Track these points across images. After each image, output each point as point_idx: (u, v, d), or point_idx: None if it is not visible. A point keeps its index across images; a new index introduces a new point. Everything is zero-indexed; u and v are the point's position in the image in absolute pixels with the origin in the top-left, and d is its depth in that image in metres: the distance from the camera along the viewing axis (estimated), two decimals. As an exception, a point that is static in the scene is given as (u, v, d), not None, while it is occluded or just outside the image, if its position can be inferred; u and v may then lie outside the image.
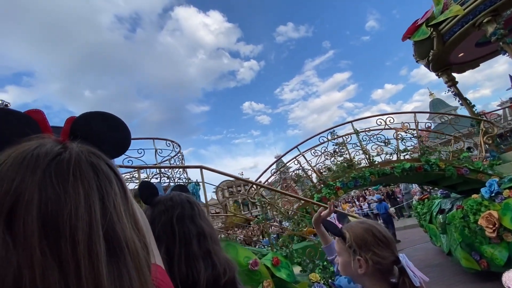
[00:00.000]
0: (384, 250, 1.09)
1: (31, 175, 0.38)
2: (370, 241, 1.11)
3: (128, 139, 0.59)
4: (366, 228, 1.16)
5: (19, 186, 0.37)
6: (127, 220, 0.44)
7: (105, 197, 0.42)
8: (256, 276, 2.73)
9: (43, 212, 0.36)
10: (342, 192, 4.95)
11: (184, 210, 1.09)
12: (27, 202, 0.36)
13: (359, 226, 1.19)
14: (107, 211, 0.41)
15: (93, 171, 0.42)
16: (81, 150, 0.44)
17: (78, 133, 0.50)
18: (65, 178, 0.39)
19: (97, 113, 0.56)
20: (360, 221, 1.26)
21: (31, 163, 0.39)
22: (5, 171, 0.38)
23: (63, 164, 0.40)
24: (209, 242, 1.01)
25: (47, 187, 0.37)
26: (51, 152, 0.41)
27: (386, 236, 1.14)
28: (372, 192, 14.93)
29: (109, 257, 0.39)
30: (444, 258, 5.51)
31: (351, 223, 1.26)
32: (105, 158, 0.48)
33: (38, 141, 0.43)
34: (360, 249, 1.11)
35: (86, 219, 0.38)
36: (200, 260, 0.95)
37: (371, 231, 1.14)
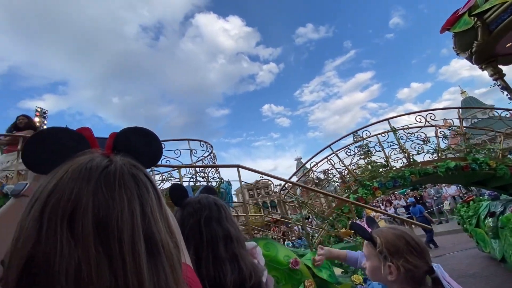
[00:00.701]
0: (417, 258, 1.06)
1: (86, 185, 0.44)
2: (403, 248, 1.08)
3: (160, 151, 0.67)
4: (398, 235, 1.12)
5: (78, 194, 0.43)
6: (162, 223, 0.50)
7: (144, 203, 0.48)
8: (297, 275, 2.69)
9: (96, 216, 0.42)
10: (380, 193, 4.74)
11: (212, 212, 1.11)
12: (84, 208, 0.42)
13: (390, 231, 1.16)
14: (146, 215, 0.47)
15: (134, 181, 0.49)
16: (124, 162, 0.51)
17: (119, 147, 0.58)
18: (112, 187, 0.46)
19: (134, 129, 0.64)
20: (392, 227, 1.22)
21: (86, 175, 0.46)
22: (67, 181, 0.45)
23: (110, 175, 0.47)
24: (235, 246, 1.02)
25: (98, 195, 0.44)
26: (100, 165, 0.48)
27: (419, 244, 1.10)
28: (398, 196, 13.86)
29: (148, 255, 0.45)
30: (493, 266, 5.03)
31: (382, 228, 1.24)
32: (143, 169, 0.54)
33: (90, 156, 0.50)
34: (392, 256, 1.09)
35: (130, 222, 0.44)
36: (227, 263, 0.96)
37: (403, 238, 1.11)
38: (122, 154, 0.55)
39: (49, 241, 0.40)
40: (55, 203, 0.43)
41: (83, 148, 0.55)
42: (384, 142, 5.57)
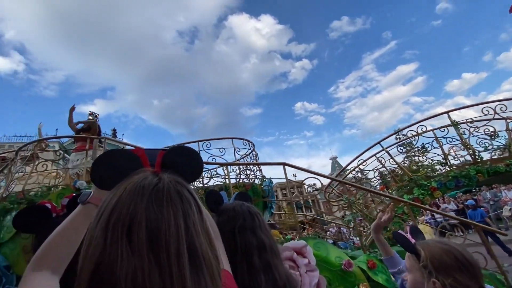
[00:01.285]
0: (467, 277, 0.98)
1: (140, 202, 0.51)
2: (451, 265, 1.00)
3: (201, 167, 0.76)
4: (446, 250, 1.04)
5: (134, 209, 0.49)
6: (203, 236, 0.54)
7: (187, 218, 0.53)
8: (351, 277, 2.55)
9: (148, 229, 0.48)
10: (439, 194, 4.28)
11: (246, 221, 1.09)
12: (139, 222, 0.48)
13: (437, 245, 1.08)
14: (189, 229, 0.52)
15: (179, 198, 0.54)
16: (170, 180, 0.57)
17: (166, 165, 0.66)
18: (161, 203, 0.51)
19: (179, 148, 0.73)
20: (440, 240, 1.14)
21: (140, 192, 0.52)
22: (125, 198, 0.52)
23: (159, 192, 0.53)
24: (269, 255, 1.01)
25: (150, 211, 0.50)
26: (151, 183, 0.54)
27: (470, 261, 1.01)
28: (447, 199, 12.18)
29: (191, 266, 0.49)
30: None
31: (428, 241, 1.16)
32: (187, 185, 0.60)
33: (143, 174, 0.58)
34: (438, 272, 1.01)
35: (175, 236, 0.49)
36: (261, 273, 0.95)
37: (452, 254, 1.02)
38: (169, 172, 0.62)
39: (112, 250, 0.47)
40: (117, 217, 0.49)
41: (137, 167, 0.64)
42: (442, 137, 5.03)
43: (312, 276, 2.52)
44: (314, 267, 2.56)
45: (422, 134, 4.83)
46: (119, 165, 0.64)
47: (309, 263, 2.57)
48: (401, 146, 5.05)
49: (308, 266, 2.56)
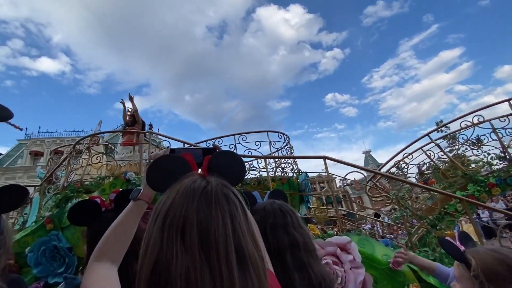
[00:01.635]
0: None
1: (191, 204, 0.54)
2: (504, 275, 0.95)
3: (244, 171, 0.81)
4: (500, 259, 0.98)
5: (186, 211, 0.53)
6: (248, 237, 0.56)
7: (233, 219, 0.55)
8: (400, 277, 2.42)
9: (199, 229, 0.50)
10: (498, 190, 3.85)
11: (277, 219, 1.07)
12: (191, 223, 0.51)
13: (489, 254, 1.02)
14: (236, 230, 0.54)
15: (226, 200, 0.57)
16: (217, 183, 0.60)
17: (213, 169, 0.73)
18: (210, 205, 0.54)
19: (223, 153, 0.81)
20: (492, 248, 1.06)
21: (191, 195, 0.55)
22: (178, 201, 0.55)
23: (208, 195, 0.56)
24: (302, 254, 1.00)
25: (200, 212, 0.53)
26: (200, 186, 0.57)
27: None
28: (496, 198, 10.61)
29: (238, 265, 0.51)
30: None
31: (479, 249, 1.09)
32: (232, 188, 0.63)
33: (192, 178, 0.61)
34: (490, 283, 0.96)
35: (224, 236, 0.51)
36: (295, 272, 0.94)
37: (506, 264, 0.96)
38: (215, 175, 0.65)
39: (168, 249, 0.50)
40: (172, 218, 0.53)
41: (186, 171, 0.69)
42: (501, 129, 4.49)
43: (357, 273, 2.44)
44: (360, 264, 2.47)
45: (479, 124, 4.34)
46: (171, 169, 0.70)
47: (354, 260, 2.49)
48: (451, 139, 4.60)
49: (353, 262, 2.48)
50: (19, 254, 3.39)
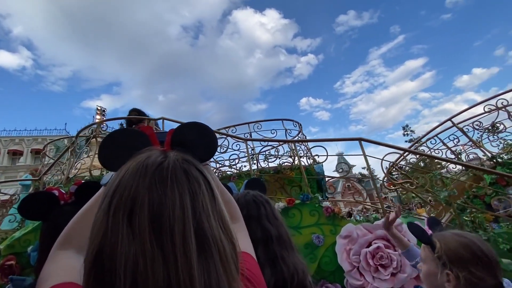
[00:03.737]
0: (483, 271, 0.98)
1: (143, 182, 0.47)
2: (467, 258, 1.00)
3: (215, 143, 0.70)
4: (464, 243, 1.04)
5: (135, 190, 0.46)
6: (214, 218, 0.50)
7: (195, 198, 0.48)
8: (456, 259, 2.29)
9: (151, 212, 0.44)
10: (525, 173, 3.83)
11: (250, 211, 1.03)
12: (141, 204, 0.45)
13: (454, 238, 1.08)
14: (197, 210, 0.47)
15: (185, 176, 0.50)
16: (177, 158, 0.53)
17: (176, 142, 0.63)
18: (165, 183, 0.47)
19: (189, 124, 0.67)
20: (458, 233, 1.12)
21: (143, 172, 0.49)
22: (127, 179, 0.48)
23: (163, 171, 0.49)
24: (275, 246, 0.97)
25: (153, 191, 0.46)
26: (155, 162, 0.50)
27: (488, 255, 1.00)
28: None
29: (199, 251, 0.45)
30: None
31: (445, 233, 1.15)
32: (196, 163, 0.56)
33: (147, 153, 0.54)
34: (452, 264, 1.02)
35: (181, 218, 0.45)
36: (267, 265, 0.90)
37: (469, 247, 1.02)
38: (178, 149, 0.58)
39: (113, 234, 0.43)
40: (118, 199, 0.46)
41: (145, 145, 0.60)
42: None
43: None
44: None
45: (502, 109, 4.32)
46: (126, 144, 0.60)
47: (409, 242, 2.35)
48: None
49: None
50: (20, 254, 3.04)
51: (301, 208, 2.90)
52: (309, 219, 2.84)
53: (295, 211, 2.92)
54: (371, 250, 2.37)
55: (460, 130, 4.49)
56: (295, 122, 5.29)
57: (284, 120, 5.04)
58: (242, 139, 3.80)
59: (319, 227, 2.78)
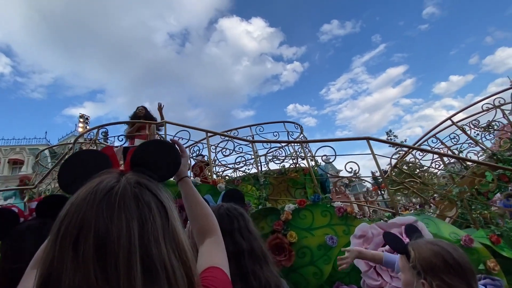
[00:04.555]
0: (455, 279, 0.98)
1: (90, 209, 0.47)
2: (439, 266, 1.01)
3: (177, 160, 0.70)
4: (436, 251, 1.04)
5: (82, 218, 0.46)
6: (165, 243, 0.49)
7: (143, 224, 0.48)
8: (473, 255, 2.29)
9: (96, 240, 0.44)
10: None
11: (223, 225, 0.99)
12: (87, 232, 0.44)
13: (427, 246, 1.08)
14: (144, 237, 0.47)
15: (135, 201, 0.50)
16: (130, 182, 0.53)
17: (137, 162, 0.62)
18: (112, 209, 0.47)
19: (150, 143, 0.67)
20: (432, 241, 1.13)
21: (91, 198, 0.48)
22: (76, 205, 0.48)
23: (111, 197, 0.48)
24: (247, 261, 0.96)
25: (99, 219, 0.46)
26: (105, 187, 0.50)
27: (461, 263, 1.00)
28: None
29: (145, 279, 0.45)
30: None
31: (420, 241, 1.15)
32: (150, 185, 0.55)
33: (101, 178, 0.53)
34: (426, 273, 1.03)
35: (127, 246, 0.44)
36: (238, 281, 0.89)
37: (441, 256, 1.02)
38: (136, 170, 0.59)
39: (59, 261, 0.43)
40: (66, 226, 0.46)
41: (105, 167, 0.59)
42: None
43: (431, 253, 2.29)
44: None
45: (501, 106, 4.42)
46: (86, 167, 0.59)
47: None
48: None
49: (424, 242, 2.33)
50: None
51: (312, 209, 2.87)
52: (321, 220, 2.80)
53: (306, 212, 2.88)
54: (387, 249, 2.34)
55: (460, 129, 4.57)
56: (296, 125, 5.29)
57: (286, 122, 5.04)
58: (248, 141, 3.75)
59: (332, 228, 2.75)
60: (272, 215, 2.97)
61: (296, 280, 2.71)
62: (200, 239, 0.81)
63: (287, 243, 2.75)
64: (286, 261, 2.71)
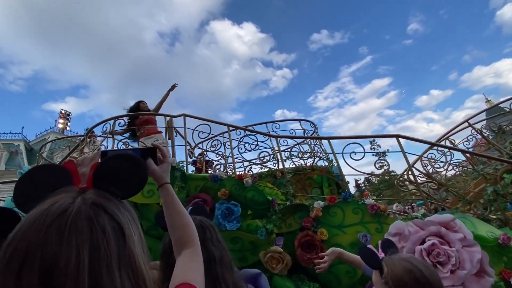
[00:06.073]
0: None
1: (37, 234, 0.43)
2: (410, 284, 1.03)
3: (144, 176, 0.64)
4: (408, 269, 1.06)
5: (29, 244, 0.42)
6: (119, 270, 0.46)
7: (95, 250, 0.44)
8: (510, 253, 2.28)
9: (42, 267, 0.40)
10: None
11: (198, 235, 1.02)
12: (32, 260, 0.41)
13: (401, 263, 1.10)
14: (95, 264, 0.43)
15: (88, 225, 0.46)
16: (86, 202, 0.49)
17: (100, 178, 0.57)
18: (62, 234, 0.43)
19: (114, 157, 0.61)
20: (406, 258, 1.15)
21: (41, 222, 0.44)
22: (22, 232, 0.44)
23: (63, 220, 0.44)
24: (217, 267, 1.04)
25: (47, 245, 0.42)
26: (57, 210, 0.46)
27: (431, 281, 1.03)
28: None
29: None
30: None
31: (394, 257, 1.17)
32: (107, 207, 0.51)
33: (56, 198, 0.49)
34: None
35: (74, 274, 0.41)
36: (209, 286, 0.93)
37: (413, 274, 1.04)
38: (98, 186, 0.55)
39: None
40: (12, 251, 0.42)
41: (64, 184, 0.55)
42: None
43: (472, 252, 2.24)
44: (473, 242, 2.28)
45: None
46: (42, 183, 0.55)
47: (465, 238, 2.31)
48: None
49: (464, 241, 2.29)
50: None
51: (343, 206, 2.82)
52: (353, 218, 2.75)
53: (336, 210, 2.83)
54: (426, 247, 2.31)
55: (477, 131, 4.63)
56: (311, 123, 5.27)
57: (302, 121, 5.01)
58: (272, 136, 3.69)
59: (364, 226, 2.70)
60: (300, 212, 2.91)
61: (327, 279, 2.66)
62: (178, 250, 0.80)
63: (318, 241, 2.69)
64: (318, 259, 2.64)
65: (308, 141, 4.98)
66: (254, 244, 2.85)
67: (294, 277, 2.75)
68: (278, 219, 2.85)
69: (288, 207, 2.93)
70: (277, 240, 2.81)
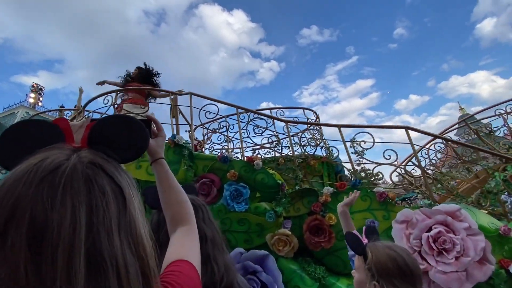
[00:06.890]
0: (405, 284, 1.04)
1: (26, 191, 0.38)
2: (393, 271, 1.06)
3: (144, 141, 0.59)
4: (391, 256, 1.09)
5: (16, 201, 0.37)
6: (119, 235, 0.42)
7: (93, 212, 0.40)
8: (510, 243, 2.41)
9: (31, 228, 0.36)
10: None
11: None
12: (19, 219, 0.36)
13: (385, 250, 1.13)
14: (93, 226, 0.40)
15: (85, 185, 0.42)
16: (82, 160, 0.44)
17: (95, 139, 0.52)
18: (55, 193, 0.39)
19: (113, 117, 0.57)
20: (389, 245, 1.17)
21: (30, 177, 0.39)
22: (7, 186, 0.39)
23: (56, 178, 0.40)
24: (209, 247, 1.03)
25: (37, 203, 0.37)
26: (49, 166, 0.41)
27: (412, 270, 1.07)
28: None
29: (89, 273, 0.38)
30: None
31: (378, 244, 1.19)
32: (107, 167, 0.47)
33: (46, 153, 0.44)
34: (380, 276, 1.08)
35: (69, 236, 0.37)
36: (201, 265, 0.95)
37: (396, 261, 1.08)
38: (94, 147, 0.50)
39: None
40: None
41: (56, 141, 0.50)
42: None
43: (476, 241, 2.34)
44: (477, 231, 2.39)
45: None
46: (31, 139, 0.49)
47: (470, 227, 2.41)
48: None
49: (469, 230, 2.39)
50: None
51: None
52: (361, 204, 2.80)
53: (345, 196, 2.86)
54: (432, 234, 2.40)
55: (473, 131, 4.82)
56: (314, 112, 5.30)
57: (305, 109, 5.01)
58: (283, 120, 3.65)
59: (372, 212, 2.76)
60: (309, 197, 2.92)
61: (333, 263, 2.71)
62: (172, 227, 0.77)
63: (327, 225, 2.72)
64: (326, 242, 2.69)
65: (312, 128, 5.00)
66: (261, 226, 2.85)
67: (300, 259, 2.78)
68: (288, 202, 2.85)
69: (298, 191, 2.94)
70: (285, 223, 2.82)
